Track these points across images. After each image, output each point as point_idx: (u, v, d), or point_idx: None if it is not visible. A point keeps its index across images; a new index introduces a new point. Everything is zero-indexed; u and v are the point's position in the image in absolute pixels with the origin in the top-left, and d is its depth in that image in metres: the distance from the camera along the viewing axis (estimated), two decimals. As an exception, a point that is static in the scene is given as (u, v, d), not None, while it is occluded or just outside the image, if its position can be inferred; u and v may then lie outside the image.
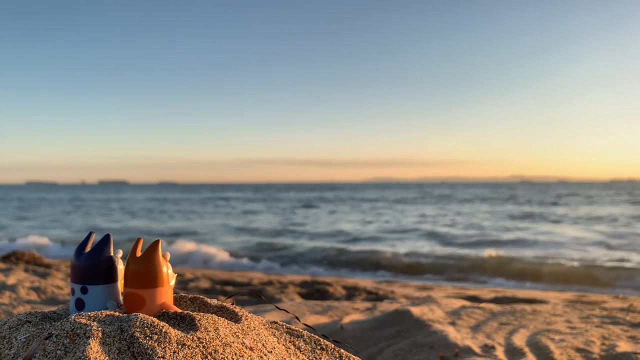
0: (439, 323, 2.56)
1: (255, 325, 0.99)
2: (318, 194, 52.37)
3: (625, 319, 2.76)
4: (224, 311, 1.04)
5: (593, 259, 8.64)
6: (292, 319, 2.73)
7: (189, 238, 12.51)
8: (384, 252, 9.73)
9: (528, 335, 2.42)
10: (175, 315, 0.93)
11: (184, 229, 15.80)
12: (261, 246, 11.57)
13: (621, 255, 9.02)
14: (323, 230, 14.61)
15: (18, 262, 5.16)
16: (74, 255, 0.97)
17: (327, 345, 1.05)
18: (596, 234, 12.72)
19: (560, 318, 2.79)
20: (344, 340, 2.42)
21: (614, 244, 10.62)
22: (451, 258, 9.02)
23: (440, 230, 13.98)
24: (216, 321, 0.91)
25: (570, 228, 14.29)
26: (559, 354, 2.09)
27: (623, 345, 2.20)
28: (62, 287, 3.96)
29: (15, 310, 2.87)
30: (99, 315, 0.87)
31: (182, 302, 1.07)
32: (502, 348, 2.20)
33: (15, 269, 4.61)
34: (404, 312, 2.72)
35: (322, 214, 21.79)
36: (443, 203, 29.31)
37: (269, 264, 9.22)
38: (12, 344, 0.83)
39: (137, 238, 0.98)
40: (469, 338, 2.34)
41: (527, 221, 16.78)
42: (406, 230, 14.32)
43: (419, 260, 8.85)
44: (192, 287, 4.94)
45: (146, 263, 0.93)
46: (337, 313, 3.03)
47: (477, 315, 2.84)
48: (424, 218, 18.38)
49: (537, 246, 10.55)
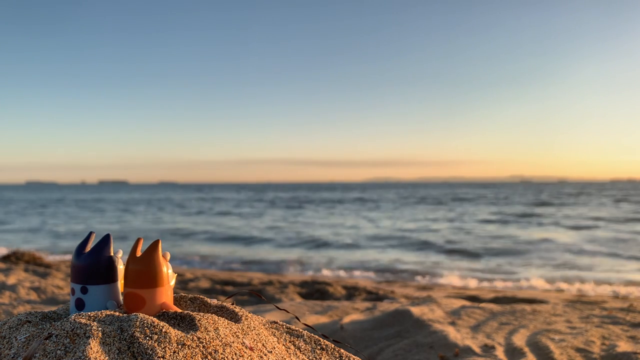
0: (439, 323, 2.56)
1: (255, 325, 0.99)
2: (310, 194, 52.01)
3: (625, 319, 2.76)
4: (224, 311, 1.04)
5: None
6: (292, 319, 2.73)
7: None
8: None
9: (528, 335, 2.42)
10: (175, 315, 0.93)
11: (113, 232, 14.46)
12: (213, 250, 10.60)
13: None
14: (290, 235, 13.53)
15: (18, 262, 5.16)
16: (74, 255, 0.97)
17: (327, 345, 1.05)
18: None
19: (560, 318, 2.79)
20: (344, 340, 2.42)
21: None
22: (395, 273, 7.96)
23: (415, 236, 12.82)
24: (216, 321, 0.91)
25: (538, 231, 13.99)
26: (559, 354, 2.09)
27: (623, 345, 2.20)
28: (62, 287, 3.96)
29: (15, 310, 2.87)
30: (99, 315, 0.87)
31: (182, 302, 1.07)
32: (502, 348, 2.20)
33: (15, 269, 4.61)
34: (404, 312, 2.72)
35: (302, 216, 20.88)
36: (434, 205, 28.38)
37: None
38: (12, 344, 0.83)
39: (137, 238, 0.98)
40: (469, 338, 2.34)
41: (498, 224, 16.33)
42: (382, 237, 13.16)
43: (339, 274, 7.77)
44: (192, 287, 4.94)
45: (146, 263, 0.93)
46: (337, 313, 3.03)
47: (477, 315, 2.84)
48: (412, 222, 17.46)
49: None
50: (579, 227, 14.74)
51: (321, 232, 14.18)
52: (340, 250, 10.56)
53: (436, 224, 16.27)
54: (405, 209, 24.88)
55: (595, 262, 8.57)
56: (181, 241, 12.40)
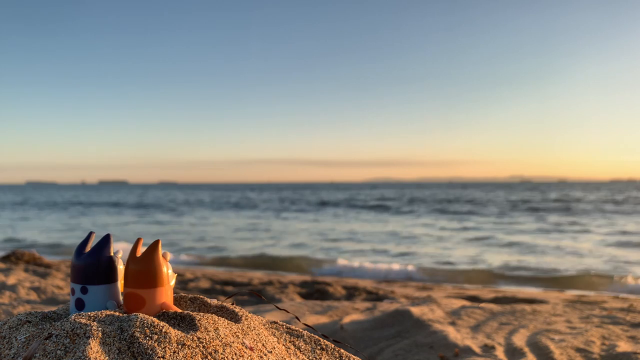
0: (439, 323, 2.56)
1: (255, 325, 0.99)
2: (305, 194, 50.35)
3: (625, 319, 2.76)
4: (224, 311, 1.04)
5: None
6: (292, 319, 2.73)
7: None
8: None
9: (528, 335, 2.42)
10: (175, 315, 0.93)
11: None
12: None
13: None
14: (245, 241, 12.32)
15: (18, 262, 5.16)
16: (74, 255, 0.97)
17: (327, 345, 1.05)
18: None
19: (560, 318, 2.79)
20: (344, 340, 2.42)
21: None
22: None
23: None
24: (216, 321, 0.91)
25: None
26: (559, 354, 2.09)
27: (623, 345, 2.20)
28: (62, 287, 3.96)
29: (15, 310, 2.87)
30: (99, 315, 0.87)
31: (182, 302, 1.07)
32: (502, 348, 2.20)
33: (15, 269, 4.61)
34: (404, 312, 2.72)
35: (284, 220, 19.17)
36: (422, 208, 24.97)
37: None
38: (12, 344, 0.83)
39: (137, 238, 0.98)
40: (469, 338, 2.34)
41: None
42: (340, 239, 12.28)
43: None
44: (192, 287, 4.94)
45: (146, 263, 0.93)
46: (337, 313, 3.03)
47: (477, 315, 2.84)
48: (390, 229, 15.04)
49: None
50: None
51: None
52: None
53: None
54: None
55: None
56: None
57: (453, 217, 19.29)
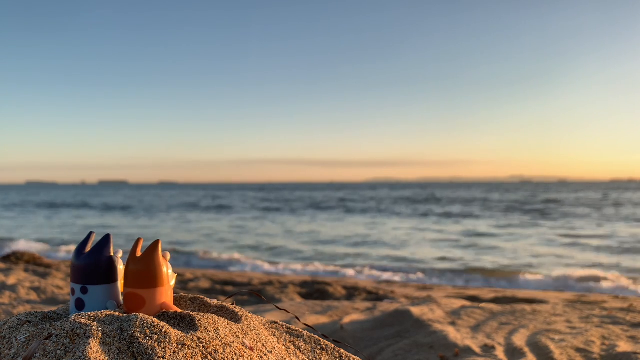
0: (439, 323, 2.56)
1: (255, 325, 0.99)
2: (302, 194, 49.85)
3: (625, 319, 2.76)
4: (224, 311, 1.04)
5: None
6: (292, 319, 2.73)
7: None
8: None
9: (528, 335, 2.42)
10: (175, 315, 0.93)
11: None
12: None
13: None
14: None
15: (18, 262, 5.16)
16: (74, 255, 0.97)
17: (327, 345, 1.05)
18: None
19: (560, 318, 2.79)
20: (344, 340, 2.42)
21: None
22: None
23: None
24: (216, 321, 0.91)
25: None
26: (559, 354, 2.09)
27: (623, 345, 2.20)
28: (62, 287, 3.96)
29: (15, 310, 2.87)
30: (99, 315, 0.87)
31: (182, 302, 1.07)
32: (502, 348, 2.20)
33: (15, 269, 4.61)
34: (404, 312, 2.72)
35: (266, 222, 18.57)
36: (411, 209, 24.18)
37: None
38: (12, 344, 0.83)
39: (137, 238, 0.98)
40: (469, 338, 2.34)
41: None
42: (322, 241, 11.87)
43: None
44: (192, 287, 4.94)
45: (146, 263, 0.93)
46: (337, 313, 3.03)
47: (477, 315, 2.84)
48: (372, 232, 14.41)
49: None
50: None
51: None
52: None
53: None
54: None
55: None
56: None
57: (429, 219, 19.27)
